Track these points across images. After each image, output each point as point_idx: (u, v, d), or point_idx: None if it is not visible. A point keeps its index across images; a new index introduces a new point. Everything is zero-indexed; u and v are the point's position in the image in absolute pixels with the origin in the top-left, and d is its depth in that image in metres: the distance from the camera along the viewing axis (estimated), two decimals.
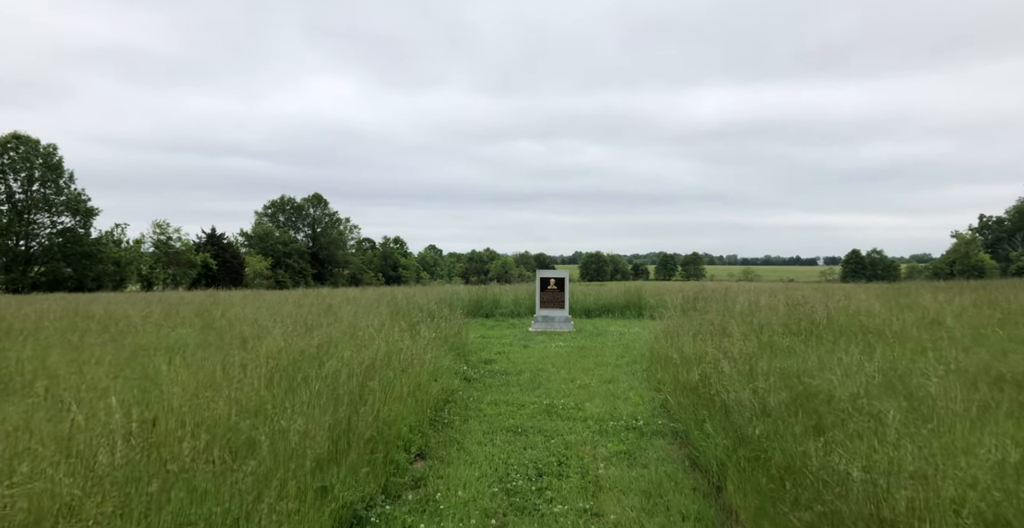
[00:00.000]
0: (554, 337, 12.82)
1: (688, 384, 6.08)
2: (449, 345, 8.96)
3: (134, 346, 7.25)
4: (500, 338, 12.69)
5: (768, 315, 8.63)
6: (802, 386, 4.82)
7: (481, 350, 10.84)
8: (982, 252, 74.65)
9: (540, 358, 9.95)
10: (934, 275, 73.66)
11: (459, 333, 10.06)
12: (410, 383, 5.98)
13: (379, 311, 9.94)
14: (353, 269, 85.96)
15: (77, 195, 45.92)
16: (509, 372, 8.70)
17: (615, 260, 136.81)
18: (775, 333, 7.30)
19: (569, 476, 4.66)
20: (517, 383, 7.97)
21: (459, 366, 8.51)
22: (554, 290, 14.75)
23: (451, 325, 10.13)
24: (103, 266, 47.21)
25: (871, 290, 14.14)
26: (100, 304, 13.16)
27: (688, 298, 11.45)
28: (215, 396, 4.10)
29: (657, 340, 8.98)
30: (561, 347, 11.25)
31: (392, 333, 7.70)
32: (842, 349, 6.09)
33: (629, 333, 13.45)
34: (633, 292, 18.59)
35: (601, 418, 6.20)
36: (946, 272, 72.60)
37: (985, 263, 72.91)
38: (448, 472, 4.71)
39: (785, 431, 4.02)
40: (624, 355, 10.23)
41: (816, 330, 7.41)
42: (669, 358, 7.32)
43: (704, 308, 10.01)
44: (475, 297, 18.49)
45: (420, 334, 8.16)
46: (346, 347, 6.43)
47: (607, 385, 7.78)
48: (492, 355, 10.24)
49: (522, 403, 6.85)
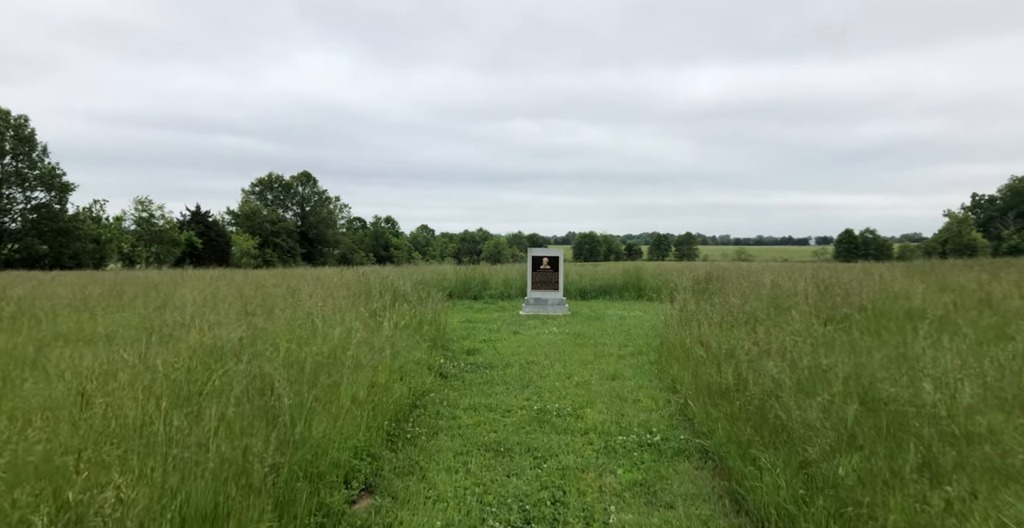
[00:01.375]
0: (547, 322, 11.53)
1: (717, 387, 4.79)
2: (423, 334, 7.64)
3: (42, 336, 5.88)
4: (487, 323, 11.39)
5: (799, 299, 7.34)
6: (881, 396, 3.53)
7: (464, 338, 9.53)
8: (974, 231, 73.94)
9: (531, 347, 8.66)
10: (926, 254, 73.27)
11: (437, 319, 8.73)
12: (363, 387, 4.67)
13: (348, 294, 8.58)
14: (343, 249, 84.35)
15: (52, 169, 43.96)
16: (494, 365, 7.41)
17: (609, 240, 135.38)
18: (816, 320, 6.02)
19: (568, 523, 3.38)
20: (503, 380, 6.67)
21: (435, 359, 7.20)
22: (547, 270, 13.43)
23: (428, 310, 8.79)
24: (81, 244, 45.51)
25: (896, 270, 12.87)
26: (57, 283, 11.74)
27: (699, 279, 10.17)
28: (51, 424, 2.77)
29: (669, 327, 7.69)
30: (555, 334, 9.96)
31: (352, 321, 6.37)
32: (904, 340, 4.82)
33: (630, 317, 12.18)
34: (632, 273, 17.28)
35: (606, 430, 4.91)
36: (939, 251, 72.33)
37: (977, 242, 72.31)
38: (401, 517, 3.42)
39: (886, 471, 2.74)
40: (627, 344, 8.95)
41: (863, 317, 6.12)
42: (688, 351, 6.03)
43: (720, 290, 8.72)
44: (463, 278, 17.16)
45: (388, 321, 6.81)
46: (287, 340, 5.09)
47: (610, 383, 6.49)
48: (476, 344, 8.92)
49: (508, 407, 5.56)
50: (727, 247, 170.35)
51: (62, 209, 44.32)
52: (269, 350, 4.57)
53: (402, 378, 5.69)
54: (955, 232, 73.72)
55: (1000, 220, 77.68)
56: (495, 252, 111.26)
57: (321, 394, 4.09)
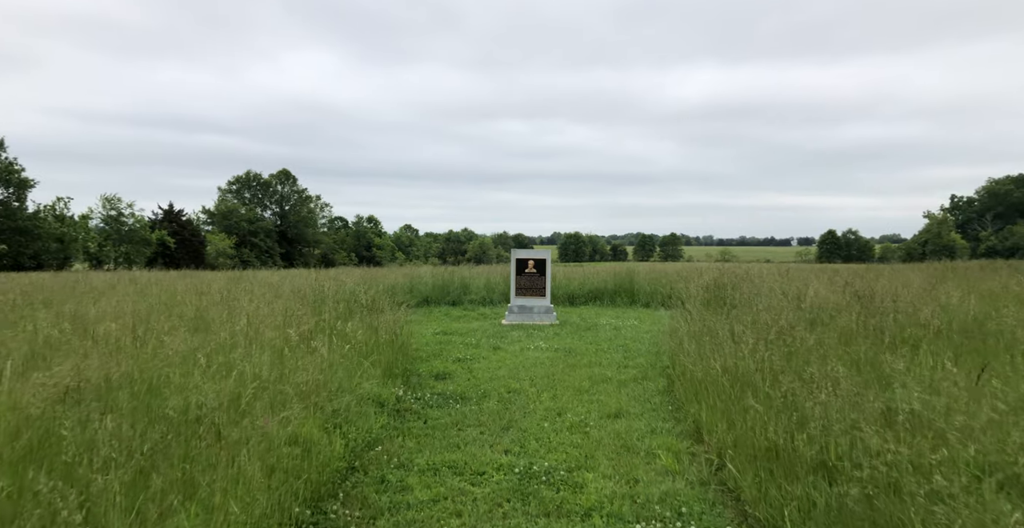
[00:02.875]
0: (533, 333, 10.10)
1: (773, 446, 3.38)
2: (379, 357, 6.15)
3: None
4: (465, 336, 9.92)
5: (839, 313, 5.98)
6: None
7: (435, 356, 8.05)
8: (953, 232, 74.48)
9: (514, 369, 7.21)
10: (907, 255, 73.70)
11: (399, 336, 7.24)
12: (267, 453, 3.20)
13: (290, 304, 7.07)
14: (324, 248, 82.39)
15: (8, 165, 41.65)
16: (467, 396, 5.94)
17: (594, 241, 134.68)
18: (875, 343, 4.66)
19: None
20: (477, 419, 5.21)
21: (390, 391, 5.70)
22: (533, 274, 11.99)
23: (390, 322, 7.29)
24: (43, 243, 43.24)
25: (915, 273, 11.63)
26: None
27: (709, 285, 8.76)
28: None
29: (679, 345, 6.29)
30: (542, 349, 8.52)
31: (283, 344, 4.88)
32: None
33: (625, 327, 10.77)
34: (624, 276, 15.87)
35: (616, 511, 3.44)
36: (919, 252, 72.74)
37: (956, 243, 72.82)
38: None
39: None
40: (627, 363, 7.54)
41: (944, 342, 4.77)
42: (715, 382, 4.62)
43: (740, 300, 7.34)
44: (440, 281, 15.64)
45: (327, 344, 5.32)
46: (179, 374, 3.61)
47: (613, 424, 5.05)
48: (448, 365, 7.45)
49: (480, 467, 4.09)
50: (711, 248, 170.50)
51: (21, 207, 42.01)
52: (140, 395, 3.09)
53: (339, 427, 4.22)
54: (935, 233, 74.13)
55: (978, 221, 78.46)
56: (480, 252, 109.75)
57: (188, 473, 2.61)
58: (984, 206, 78.68)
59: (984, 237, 73.76)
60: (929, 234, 74.79)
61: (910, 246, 77.99)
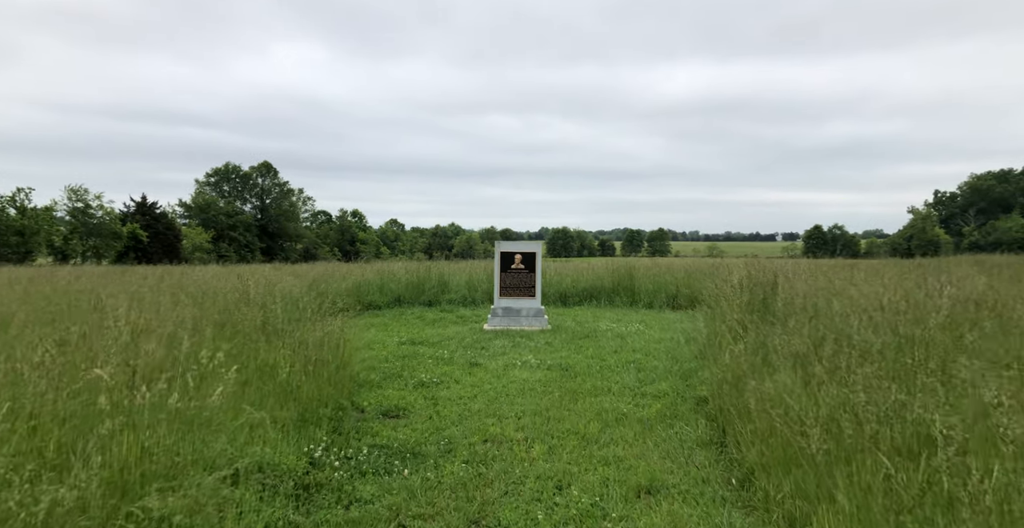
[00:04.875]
0: (520, 343, 8.20)
1: None
2: (291, 392, 4.21)
3: None
4: (437, 346, 7.99)
5: (933, 328, 4.14)
6: None
7: (391, 379, 6.09)
8: (937, 227, 74.17)
9: (494, 398, 5.31)
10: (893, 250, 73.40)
11: (334, 355, 5.27)
12: None
13: (177, 318, 5.10)
14: (307, 243, 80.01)
15: None
16: (423, 452, 4.02)
17: (582, 236, 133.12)
18: None
19: None
20: (431, 500, 3.30)
21: (302, 449, 3.78)
22: (521, 270, 10.07)
23: (319, 338, 5.32)
24: (0, 236, 40.73)
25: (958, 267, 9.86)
26: None
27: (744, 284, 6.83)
28: None
29: (726, 369, 4.44)
30: (532, 366, 6.63)
31: None
32: None
33: (630, 334, 8.90)
34: (623, 273, 13.95)
35: None
36: (904, 247, 72.70)
37: (940, 238, 72.82)
38: None
39: None
40: (643, 387, 5.67)
41: None
42: (812, 442, 2.77)
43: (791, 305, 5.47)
44: (416, 278, 13.64)
45: (204, 379, 3.38)
46: None
47: (649, 512, 3.17)
48: (406, 393, 5.51)
49: None
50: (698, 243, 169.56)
51: None
52: None
53: None
54: (919, 228, 74.11)
55: (961, 216, 78.74)
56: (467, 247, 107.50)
57: None
58: (967, 201, 79.05)
59: (967, 232, 74.15)
60: (914, 229, 74.97)
61: (895, 241, 78.00)
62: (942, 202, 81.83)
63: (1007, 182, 76.89)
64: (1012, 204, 73.70)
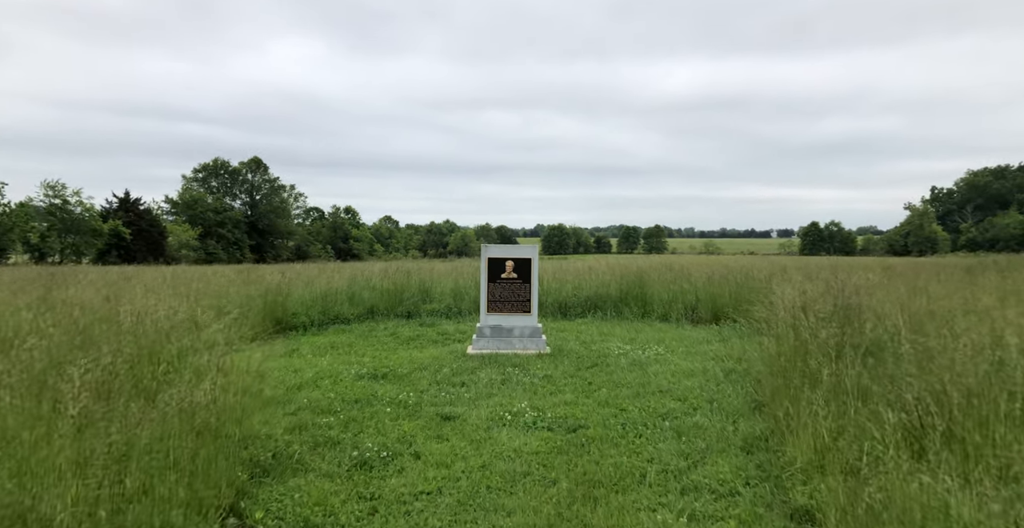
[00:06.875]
0: (511, 376, 6.43)
1: None
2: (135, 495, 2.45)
3: None
4: (403, 383, 6.19)
5: None
6: None
7: (323, 448, 4.23)
8: (935, 223, 73.38)
9: (470, 493, 3.46)
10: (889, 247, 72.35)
11: (222, 418, 3.47)
12: None
13: None
14: (298, 240, 77.99)
15: None
16: None
17: (578, 233, 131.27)
18: None
19: None
20: None
21: None
22: (512, 281, 8.28)
23: (208, 391, 3.53)
24: None
25: None
26: None
27: (811, 298, 5.04)
28: None
29: (850, 468, 2.73)
30: (527, 423, 4.81)
31: None
32: None
33: (649, 361, 7.11)
34: (632, 278, 12.12)
35: None
36: (900, 244, 71.85)
37: (937, 234, 72.11)
38: None
39: None
40: (693, 470, 3.86)
41: None
42: None
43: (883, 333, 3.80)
44: (393, 286, 11.80)
45: None
46: None
47: None
48: (332, 488, 3.65)
49: None
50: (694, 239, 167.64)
51: None
52: None
53: None
54: (916, 225, 73.39)
55: (958, 213, 78.12)
56: (462, 245, 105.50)
57: None
58: (964, 198, 78.42)
59: (964, 229, 73.51)
60: (911, 226, 74.10)
61: (892, 238, 77.37)
62: (939, 198, 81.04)
63: (1004, 178, 76.25)
64: (1009, 200, 72.91)
